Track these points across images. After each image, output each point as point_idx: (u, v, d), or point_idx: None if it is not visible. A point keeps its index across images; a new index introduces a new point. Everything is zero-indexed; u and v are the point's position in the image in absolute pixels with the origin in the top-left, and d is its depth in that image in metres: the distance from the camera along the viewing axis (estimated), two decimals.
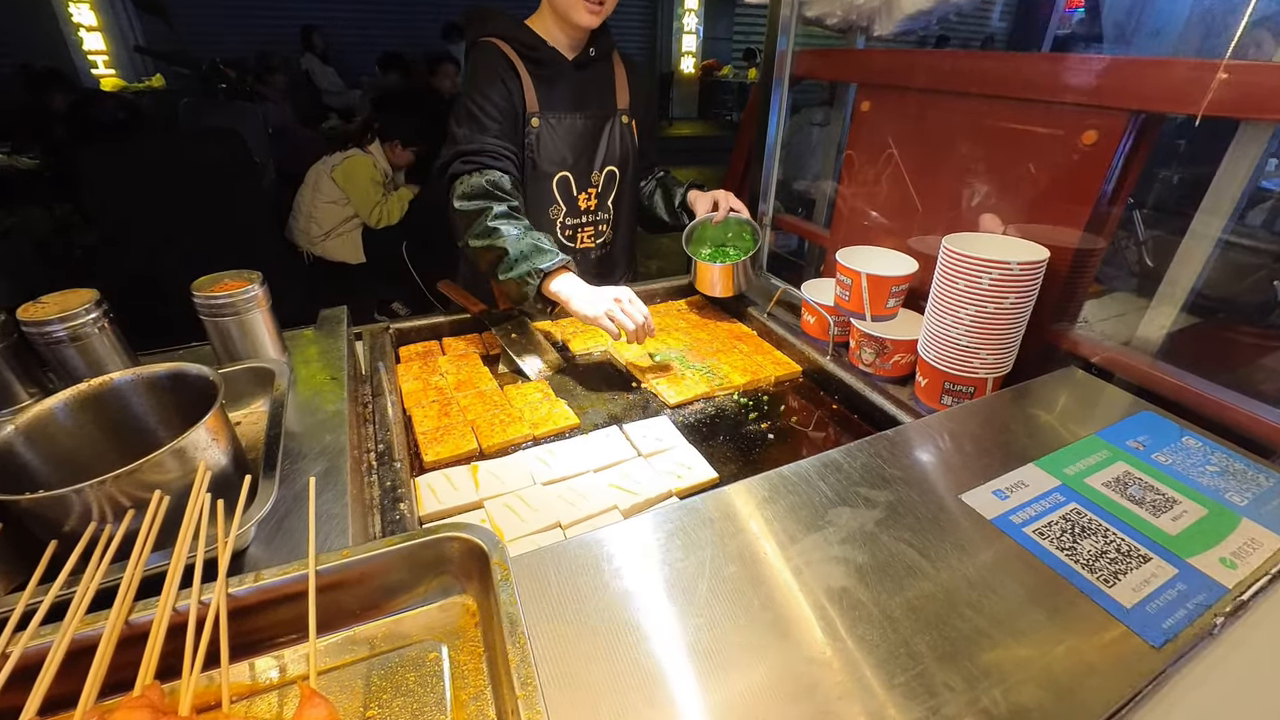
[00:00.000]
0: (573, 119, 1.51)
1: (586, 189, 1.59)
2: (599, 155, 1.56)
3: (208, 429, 0.63)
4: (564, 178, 1.54)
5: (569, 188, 1.56)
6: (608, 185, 1.62)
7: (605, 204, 1.64)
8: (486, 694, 0.52)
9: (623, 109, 1.57)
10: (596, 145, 1.55)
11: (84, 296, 0.88)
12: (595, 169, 1.57)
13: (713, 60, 10.57)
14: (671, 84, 10.34)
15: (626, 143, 1.60)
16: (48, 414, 0.66)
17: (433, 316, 1.57)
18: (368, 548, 0.57)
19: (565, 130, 1.50)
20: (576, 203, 1.59)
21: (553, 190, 1.54)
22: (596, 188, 1.60)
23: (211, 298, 0.88)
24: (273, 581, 0.54)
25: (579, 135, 1.52)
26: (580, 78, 1.49)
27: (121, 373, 0.71)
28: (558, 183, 1.54)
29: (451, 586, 0.61)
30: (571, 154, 1.52)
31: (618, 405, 1.32)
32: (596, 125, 1.54)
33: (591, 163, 1.56)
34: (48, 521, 0.58)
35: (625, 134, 1.59)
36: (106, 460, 0.64)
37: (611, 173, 1.60)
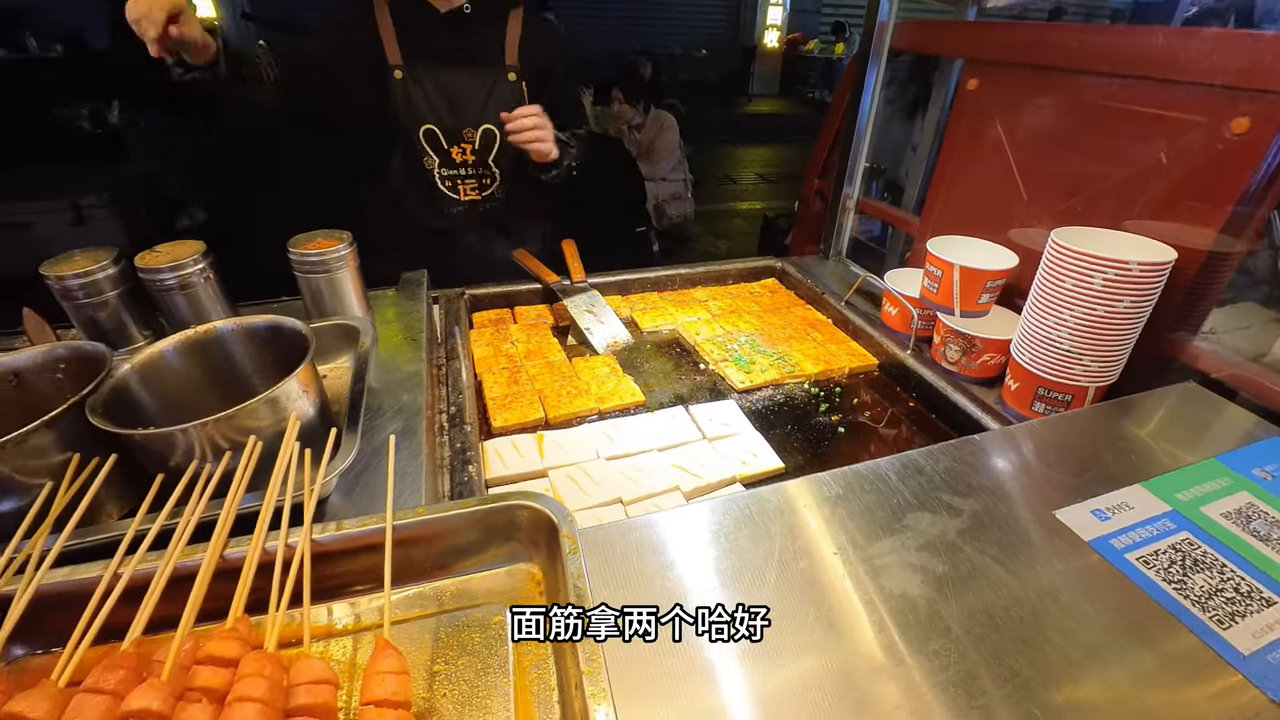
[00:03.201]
0: (440, 74, 1.46)
1: (459, 143, 1.53)
2: (472, 112, 1.50)
3: (299, 381, 0.66)
4: (429, 130, 1.50)
5: (437, 140, 1.51)
6: (486, 143, 1.55)
7: (485, 161, 1.58)
8: (548, 663, 0.53)
9: (510, 65, 1.51)
10: (469, 101, 1.50)
11: (193, 248, 0.93)
12: (468, 125, 1.52)
13: (798, 34, 10.15)
14: (754, 59, 10.01)
15: (510, 101, 1.51)
16: (159, 356, 0.71)
17: (506, 284, 1.59)
18: (443, 508, 0.59)
19: (431, 83, 1.46)
20: (450, 155, 1.54)
21: (420, 140, 1.50)
22: (471, 144, 1.54)
23: (305, 255, 0.91)
24: (353, 531, 0.57)
25: (446, 88, 1.48)
26: (451, 31, 1.44)
27: (224, 321, 0.75)
28: (424, 134, 1.50)
29: (519, 553, 0.62)
30: (436, 107, 1.48)
31: (684, 385, 1.30)
32: (470, 81, 1.49)
33: (463, 119, 1.51)
34: (155, 456, 0.62)
35: (511, 93, 1.52)
36: (207, 403, 0.68)
37: (489, 131, 1.53)
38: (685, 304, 1.60)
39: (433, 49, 1.44)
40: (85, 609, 0.50)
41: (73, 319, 0.93)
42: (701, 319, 1.52)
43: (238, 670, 0.44)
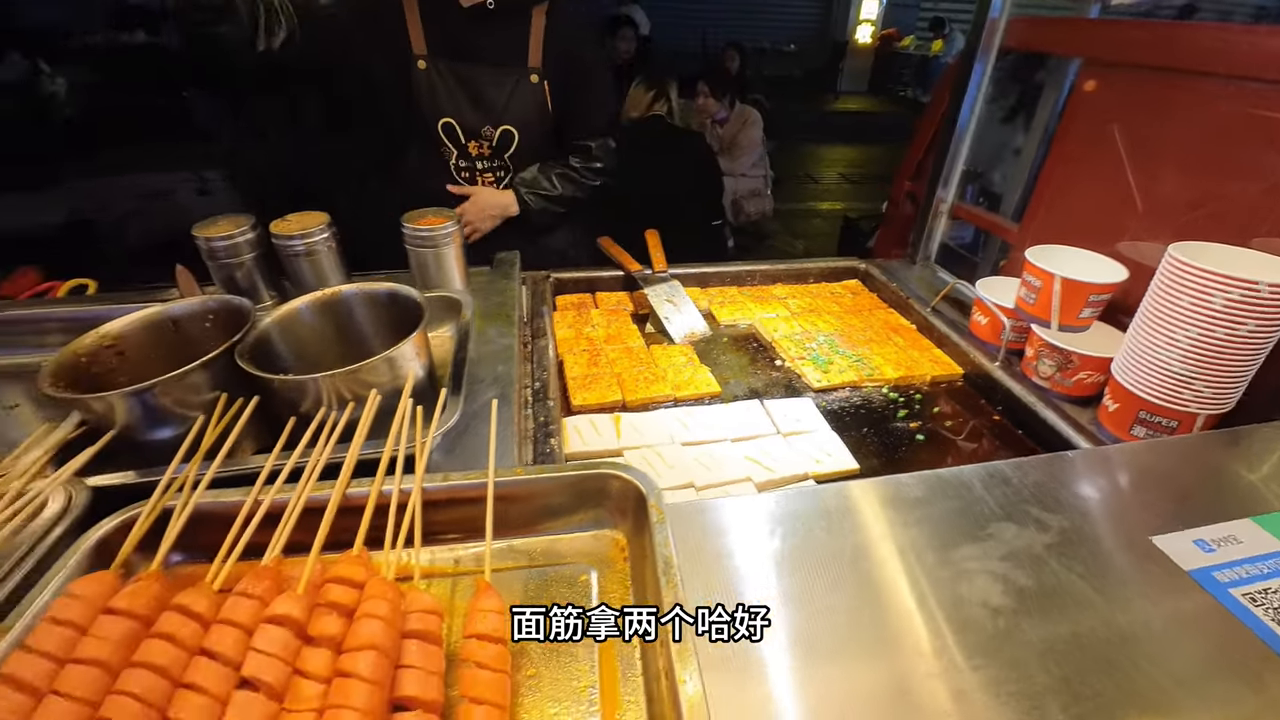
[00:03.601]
0: (462, 69, 1.44)
1: (477, 139, 1.53)
2: (493, 111, 1.49)
3: (413, 344, 0.72)
4: (448, 124, 1.49)
5: (455, 134, 1.51)
6: (504, 142, 1.54)
7: (502, 157, 1.57)
8: None
9: (533, 67, 1.48)
10: (491, 100, 1.48)
11: (319, 218, 1.02)
12: (488, 124, 1.50)
13: (893, 29, 9.76)
14: (843, 55, 9.70)
15: (531, 103, 1.50)
16: (295, 312, 0.79)
17: (589, 270, 1.64)
18: (540, 470, 0.63)
19: (454, 76, 1.45)
20: (466, 149, 1.54)
21: (439, 133, 1.50)
22: (490, 141, 1.53)
23: (417, 230, 0.99)
24: (458, 484, 0.62)
25: (469, 86, 1.46)
26: (476, 27, 1.41)
27: (349, 285, 0.83)
28: (443, 127, 1.50)
29: (605, 520, 0.65)
30: (459, 104, 1.47)
31: (759, 380, 1.31)
32: (491, 79, 1.46)
33: (483, 118, 1.49)
34: (288, 400, 0.70)
35: (533, 94, 1.50)
36: (330, 358, 0.75)
37: (508, 132, 1.52)
38: (764, 300, 1.60)
39: (457, 43, 1.43)
40: (231, 528, 0.57)
41: (214, 276, 1.04)
42: (780, 316, 1.52)
43: (363, 592, 0.50)
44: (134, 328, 0.79)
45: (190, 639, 0.47)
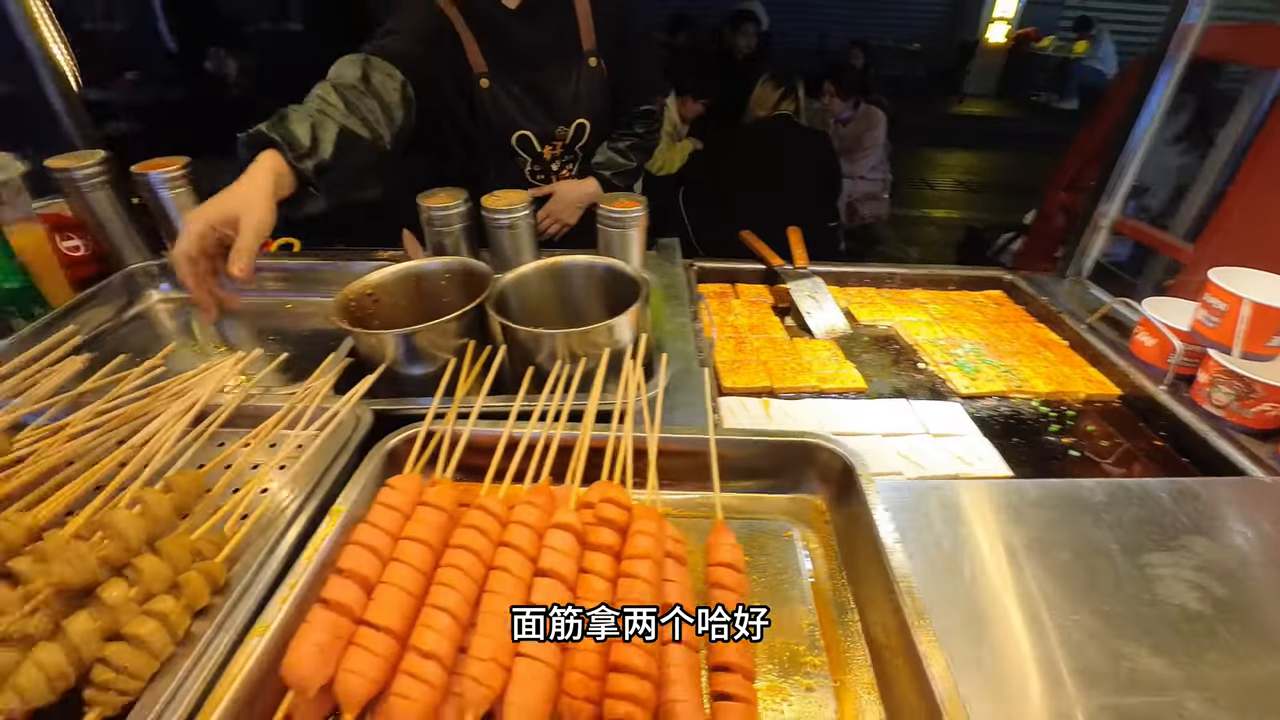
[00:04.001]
0: (526, 75, 1.37)
1: (551, 142, 1.48)
2: (563, 110, 1.44)
3: (632, 315, 0.81)
4: (523, 136, 1.43)
5: (530, 144, 1.46)
6: (577, 136, 1.50)
7: (573, 149, 1.52)
8: (840, 578, 0.63)
9: (589, 50, 1.42)
10: (559, 100, 1.42)
11: (523, 196, 1.15)
12: (561, 124, 1.45)
13: (1030, 29, 9.11)
14: (971, 55, 9.16)
15: (596, 88, 1.45)
16: (527, 274, 0.92)
17: (731, 261, 1.71)
18: (753, 432, 0.71)
19: (520, 88, 1.38)
20: (541, 155, 1.49)
21: (513, 146, 1.45)
22: (563, 140, 1.48)
23: (611, 211, 1.09)
24: (685, 436, 0.71)
25: (536, 91, 1.40)
26: (529, 27, 1.33)
27: (573, 256, 0.94)
28: (517, 140, 1.44)
29: (803, 484, 0.72)
30: (529, 111, 1.41)
31: (903, 381, 1.33)
32: (556, 77, 1.40)
33: (555, 119, 1.44)
34: (524, 351, 0.81)
35: (596, 79, 1.45)
36: (552, 318, 0.86)
37: (581, 125, 1.48)
38: (903, 303, 1.61)
39: (513, 50, 1.35)
40: (493, 454, 0.68)
41: (426, 239, 1.18)
42: (922, 320, 1.52)
43: (632, 513, 0.59)
44: (388, 279, 0.93)
45: (493, 532, 0.58)
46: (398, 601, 0.52)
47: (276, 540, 0.59)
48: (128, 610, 0.49)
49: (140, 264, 1.24)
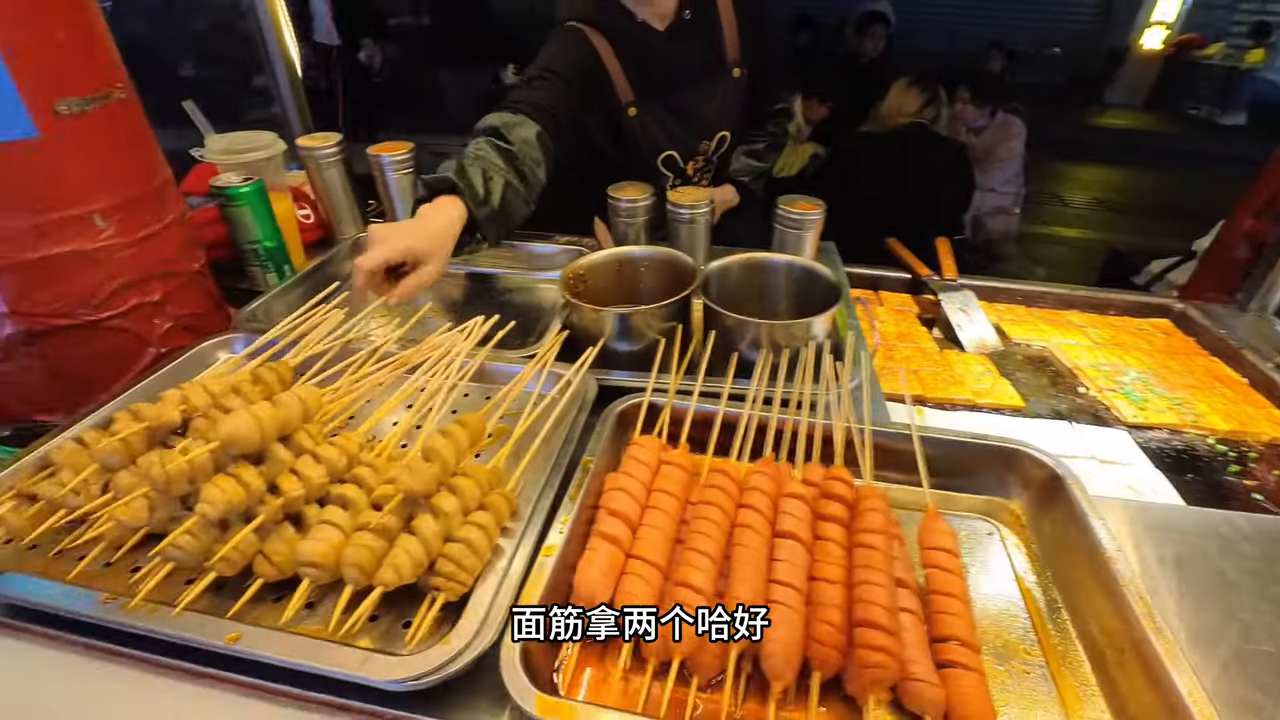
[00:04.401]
0: (673, 98, 1.40)
1: (694, 158, 1.51)
2: (708, 125, 1.47)
3: (829, 317, 0.87)
4: (669, 157, 1.47)
5: (675, 163, 1.49)
6: (718, 147, 1.53)
7: (711, 160, 1.56)
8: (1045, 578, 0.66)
9: (734, 61, 1.44)
10: (704, 116, 1.45)
11: (706, 193, 1.23)
12: (705, 138, 1.49)
13: (1193, 36, 8.24)
14: (1120, 62, 8.42)
15: (739, 100, 1.48)
16: (729, 266, 1.00)
17: (873, 268, 1.72)
18: (953, 432, 0.75)
19: (665, 111, 1.41)
20: (685, 171, 1.53)
21: (658, 168, 1.48)
22: (705, 154, 1.52)
23: (791, 213, 1.15)
24: (888, 430, 0.76)
25: (681, 113, 1.43)
26: (676, 47, 1.35)
27: (771, 255, 1.01)
28: (663, 161, 1.47)
29: (998, 488, 0.76)
30: (675, 133, 1.44)
31: (1062, 404, 1.31)
32: (703, 95, 1.43)
33: (699, 134, 1.47)
34: (730, 337, 0.89)
35: (738, 90, 1.47)
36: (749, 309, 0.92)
37: (723, 137, 1.51)
38: (1059, 325, 1.57)
39: (660, 74, 1.37)
40: (712, 428, 0.76)
41: (611, 227, 1.29)
42: (1081, 344, 1.48)
43: (859, 492, 0.65)
44: (597, 263, 1.04)
45: (733, 494, 0.66)
46: (659, 542, 0.62)
47: (545, 481, 0.70)
48: (456, 518, 0.60)
49: (362, 234, 1.42)
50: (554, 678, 0.57)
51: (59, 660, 0.58)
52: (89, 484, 0.68)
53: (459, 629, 0.54)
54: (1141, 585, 0.57)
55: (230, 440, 0.59)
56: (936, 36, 7.98)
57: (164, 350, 1.03)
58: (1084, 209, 5.43)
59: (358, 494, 0.62)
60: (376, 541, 0.57)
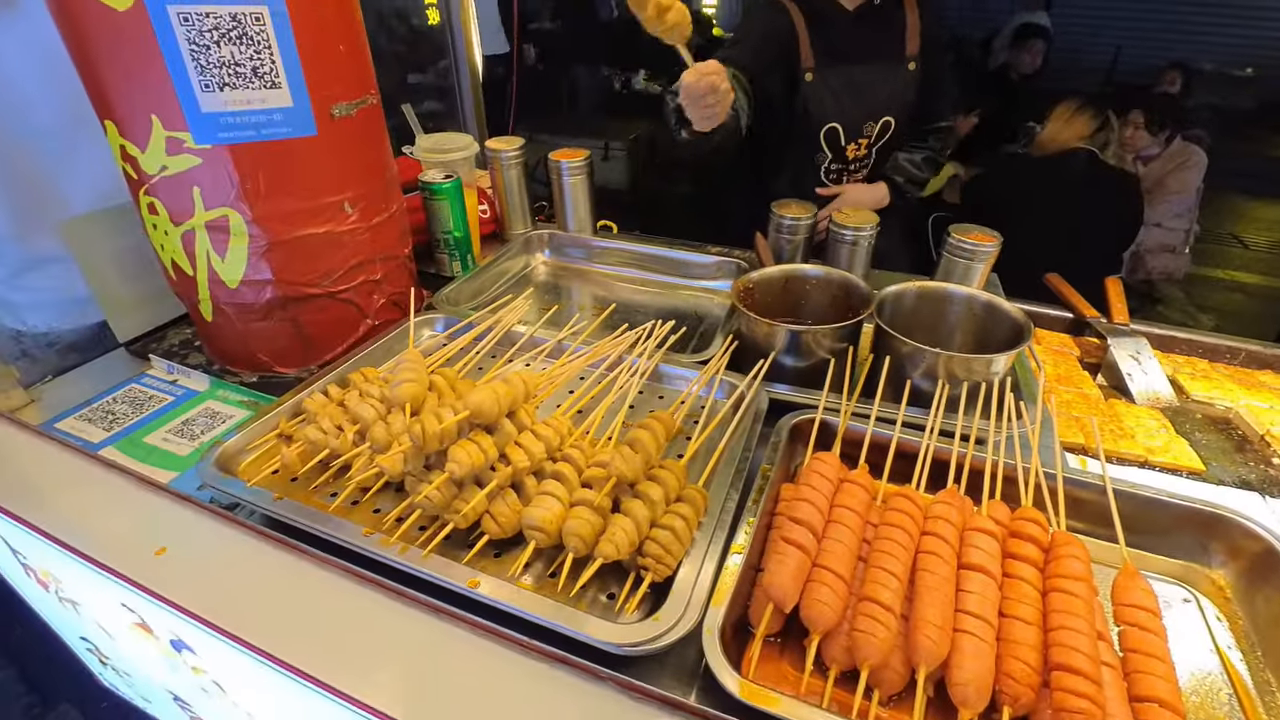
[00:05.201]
0: (849, 71, 1.51)
1: (857, 139, 1.58)
2: (876, 106, 1.54)
3: (1012, 356, 0.86)
4: (832, 129, 1.55)
5: (837, 138, 1.57)
6: (881, 134, 1.59)
7: (872, 151, 1.63)
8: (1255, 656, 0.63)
9: (910, 55, 1.52)
10: (874, 96, 1.53)
11: (870, 217, 1.23)
12: (870, 119, 1.56)
13: None
14: None
15: (908, 89, 1.55)
16: (903, 292, 1.01)
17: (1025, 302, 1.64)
18: (1151, 489, 0.72)
19: (840, 83, 1.51)
20: (844, 152, 1.60)
21: (820, 139, 1.57)
22: (869, 138, 1.59)
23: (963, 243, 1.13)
24: (1077, 479, 0.75)
25: (854, 87, 1.52)
26: (861, 28, 1.48)
27: (959, 286, 1.01)
28: (825, 133, 1.56)
29: (1199, 555, 0.72)
30: (844, 106, 1.53)
31: (1250, 473, 1.19)
32: (876, 76, 1.52)
33: (866, 114, 1.55)
34: (903, 363, 0.90)
35: (909, 81, 1.55)
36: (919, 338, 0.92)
37: (887, 123, 1.58)
38: (1249, 385, 1.42)
39: (842, 48, 1.50)
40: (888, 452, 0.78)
41: (770, 243, 1.32)
42: (1275, 408, 1.34)
43: (1054, 537, 0.65)
44: (765, 278, 1.08)
45: (917, 519, 0.67)
46: (844, 555, 0.65)
47: (729, 485, 0.75)
48: (660, 506, 0.67)
49: (534, 231, 1.54)
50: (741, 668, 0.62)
51: (326, 579, 0.70)
52: (345, 432, 0.81)
53: (667, 608, 0.60)
54: None
55: (477, 410, 0.68)
56: (1101, 52, 7.33)
57: (376, 322, 1.18)
58: (1268, 252, 4.80)
59: (571, 471, 0.70)
60: (594, 516, 0.64)
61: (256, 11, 0.88)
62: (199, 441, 0.99)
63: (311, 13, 0.92)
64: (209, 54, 0.86)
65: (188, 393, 1.11)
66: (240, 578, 0.70)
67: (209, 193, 0.96)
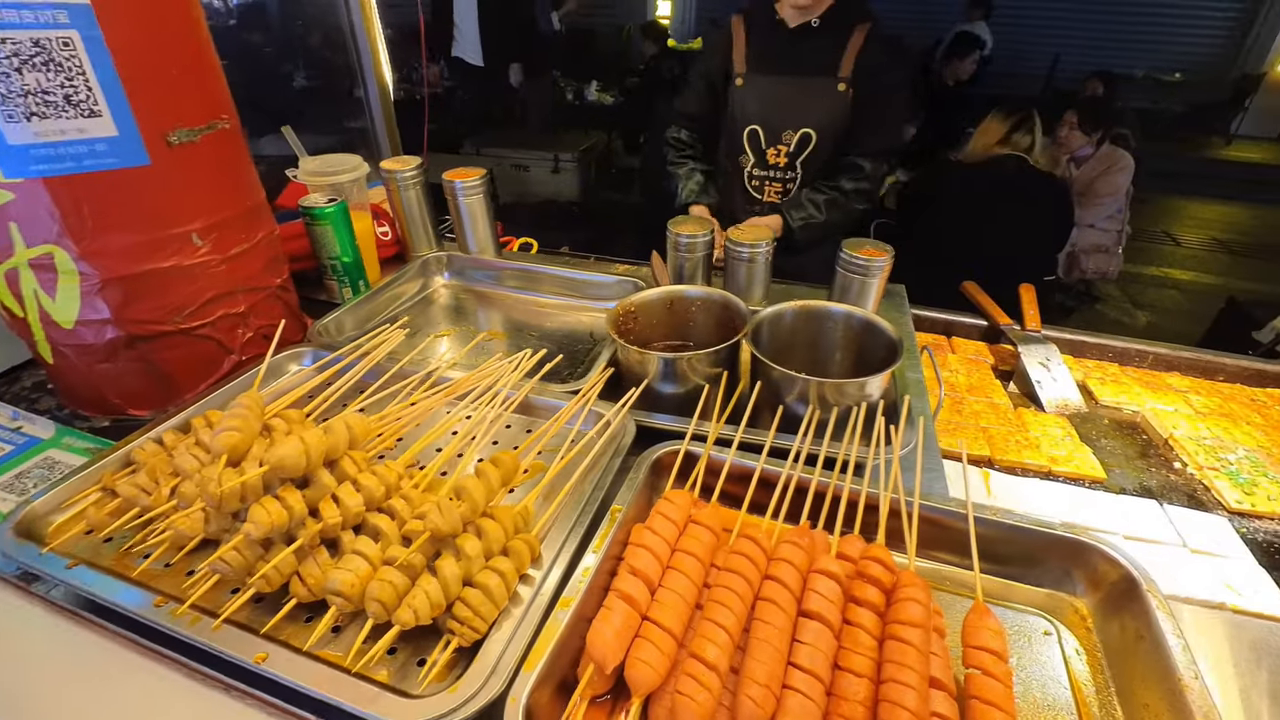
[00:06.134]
0: (776, 80, 1.61)
1: (776, 145, 1.66)
2: (795, 116, 1.62)
3: (885, 378, 0.83)
4: (753, 131, 1.65)
5: (758, 140, 1.67)
6: (800, 146, 1.65)
7: (794, 164, 1.68)
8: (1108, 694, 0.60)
9: (843, 76, 1.58)
10: (797, 107, 1.62)
11: (766, 233, 1.20)
12: (789, 128, 1.63)
13: None
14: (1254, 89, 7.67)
15: (834, 107, 1.60)
16: (781, 313, 0.97)
17: (947, 311, 1.63)
18: (1014, 515, 0.69)
19: (765, 88, 1.62)
20: (765, 156, 1.69)
21: (743, 141, 1.68)
22: (787, 146, 1.66)
23: (856, 258, 1.10)
24: (939, 507, 0.71)
25: (778, 96, 1.62)
26: (796, 44, 1.58)
27: (831, 303, 0.97)
28: (748, 135, 1.67)
29: (1066, 583, 0.69)
30: (765, 111, 1.63)
31: (1152, 479, 1.19)
32: (802, 88, 1.61)
33: (785, 122, 1.63)
34: (774, 389, 0.86)
35: (837, 100, 1.59)
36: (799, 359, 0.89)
37: (807, 135, 1.63)
38: (1155, 388, 1.43)
39: (775, 59, 1.61)
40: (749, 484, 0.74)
41: (668, 260, 1.28)
42: (1179, 411, 1.35)
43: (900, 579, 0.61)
44: (648, 301, 1.03)
45: (760, 563, 0.63)
46: (677, 607, 0.60)
47: (571, 527, 0.70)
48: (478, 562, 0.61)
49: (432, 254, 1.48)
50: None
51: (114, 654, 0.63)
52: (161, 487, 0.74)
53: (468, 677, 0.55)
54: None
55: (279, 465, 0.62)
56: (1038, 60, 7.56)
57: (244, 358, 1.11)
58: (1200, 249, 4.95)
59: (390, 526, 0.64)
60: (400, 578, 0.59)
61: (65, 36, 0.81)
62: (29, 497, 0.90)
63: (134, 36, 0.86)
64: (9, 82, 0.79)
65: (29, 440, 1.02)
66: (27, 661, 0.62)
67: (28, 229, 0.88)
